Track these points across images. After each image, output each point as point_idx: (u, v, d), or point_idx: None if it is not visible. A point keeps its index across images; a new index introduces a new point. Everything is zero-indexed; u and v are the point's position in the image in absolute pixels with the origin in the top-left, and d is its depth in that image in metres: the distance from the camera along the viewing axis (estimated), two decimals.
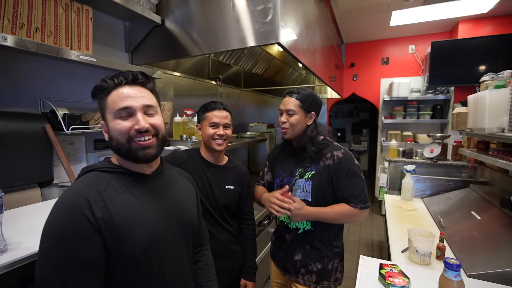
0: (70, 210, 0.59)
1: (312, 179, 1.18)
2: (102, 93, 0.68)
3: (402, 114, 4.08)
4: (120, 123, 0.66)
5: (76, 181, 0.67)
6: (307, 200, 1.18)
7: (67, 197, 0.62)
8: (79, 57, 1.15)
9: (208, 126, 1.22)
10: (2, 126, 1.02)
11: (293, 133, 1.21)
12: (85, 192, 0.61)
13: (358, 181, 1.15)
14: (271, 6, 1.26)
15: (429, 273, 1.10)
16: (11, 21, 0.95)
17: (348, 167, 1.15)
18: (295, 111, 1.18)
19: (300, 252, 1.21)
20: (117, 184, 0.67)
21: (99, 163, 0.71)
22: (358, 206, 1.13)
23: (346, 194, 1.14)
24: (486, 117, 1.38)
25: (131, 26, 1.60)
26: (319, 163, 1.18)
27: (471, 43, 3.35)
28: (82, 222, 0.58)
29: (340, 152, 1.18)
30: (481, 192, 1.80)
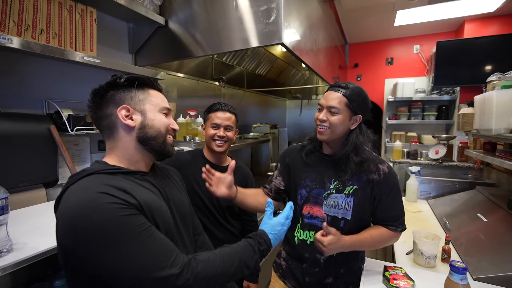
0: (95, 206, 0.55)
1: (354, 195, 1.01)
2: (142, 85, 0.72)
3: (407, 114, 4.04)
4: (164, 117, 0.74)
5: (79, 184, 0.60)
6: (346, 218, 1.02)
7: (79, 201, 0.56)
8: (84, 59, 1.16)
9: (209, 127, 1.23)
10: (8, 127, 1.04)
11: (332, 135, 1.00)
12: (97, 189, 0.58)
13: (400, 201, 1.05)
14: (275, 7, 1.25)
15: (434, 276, 1.08)
16: (16, 23, 0.96)
17: (393, 183, 1.03)
18: (340, 110, 0.97)
19: (332, 275, 1.06)
20: (128, 181, 0.66)
21: (94, 166, 0.67)
22: (399, 229, 1.03)
23: (387, 215, 1.03)
24: (493, 118, 1.36)
25: (135, 28, 1.61)
26: (362, 177, 1.02)
27: (477, 43, 3.31)
28: (115, 207, 0.56)
29: (386, 166, 1.04)
30: (487, 194, 1.77)
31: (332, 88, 1.02)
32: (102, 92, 0.70)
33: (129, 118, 0.69)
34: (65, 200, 0.59)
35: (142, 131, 0.70)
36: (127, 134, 0.70)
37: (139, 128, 0.70)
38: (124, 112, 0.68)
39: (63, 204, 0.59)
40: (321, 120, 1.00)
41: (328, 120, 0.99)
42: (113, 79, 0.71)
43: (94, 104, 0.70)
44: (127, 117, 0.69)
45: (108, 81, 0.71)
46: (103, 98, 0.69)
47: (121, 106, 0.68)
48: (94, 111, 0.71)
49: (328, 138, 1.01)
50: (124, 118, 0.68)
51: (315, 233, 1.00)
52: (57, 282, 0.93)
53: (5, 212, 0.70)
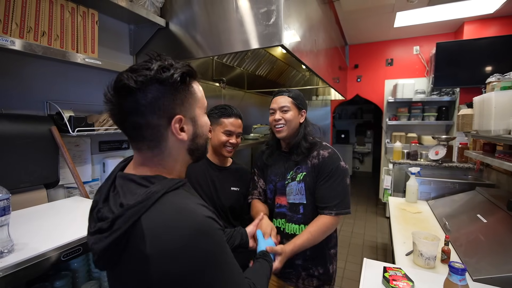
0: (210, 233, 0.52)
1: (304, 181, 1.15)
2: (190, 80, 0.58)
3: (407, 115, 4.05)
4: (208, 119, 0.65)
5: (164, 210, 0.51)
6: (303, 203, 1.16)
7: (195, 228, 0.50)
8: (85, 60, 1.17)
9: (221, 133, 1.22)
10: (9, 128, 1.04)
11: (289, 130, 1.17)
12: (202, 212, 0.53)
13: (339, 184, 1.11)
14: (274, 9, 1.26)
15: (434, 277, 1.08)
16: (19, 25, 0.97)
17: (330, 168, 1.12)
18: (290, 107, 1.17)
19: (300, 258, 1.18)
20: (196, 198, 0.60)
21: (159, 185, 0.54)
22: (333, 212, 1.09)
23: (322, 198, 1.11)
24: (492, 119, 1.37)
25: (136, 29, 1.62)
26: (307, 163, 1.16)
27: (477, 44, 3.32)
28: (221, 233, 0.56)
29: (327, 151, 1.15)
30: (487, 195, 1.78)
31: (277, 94, 1.22)
32: (139, 91, 0.52)
33: (182, 130, 0.57)
34: (160, 230, 0.49)
35: (193, 142, 0.60)
36: (178, 147, 0.58)
37: (191, 139, 0.59)
38: (178, 124, 0.56)
39: (160, 234, 0.48)
40: (276, 120, 1.17)
41: (283, 117, 1.16)
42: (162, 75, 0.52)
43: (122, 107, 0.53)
44: (181, 130, 0.57)
45: (149, 75, 0.52)
46: (140, 100, 0.52)
47: (176, 118, 0.55)
48: (125, 117, 0.54)
49: (287, 134, 1.17)
50: (179, 132, 0.56)
51: (284, 221, 1.20)
52: (57, 283, 0.93)
53: (6, 212, 0.70)
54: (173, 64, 0.55)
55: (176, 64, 0.56)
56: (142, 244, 0.48)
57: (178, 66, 0.55)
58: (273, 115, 1.20)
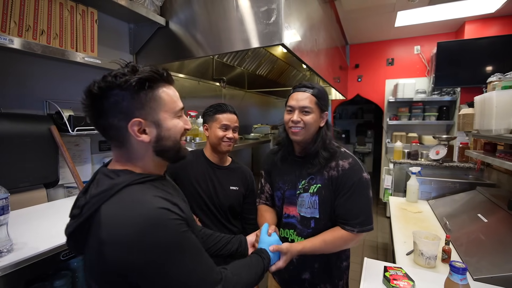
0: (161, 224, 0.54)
1: (318, 194, 1.02)
2: (153, 85, 0.60)
3: (407, 115, 4.04)
4: (179, 122, 0.66)
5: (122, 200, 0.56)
6: (315, 217, 1.03)
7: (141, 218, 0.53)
8: (84, 59, 1.17)
9: (218, 128, 1.22)
10: (9, 127, 1.04)
11: (307, 135, 1.02)
12: (156, 204, 0.55)
13: (362, 199, 0.98)
14: (275, 7, 1.25)
15: (435, 276, 1.08)
16: (17, 24, 0.96)
17: (352, 181, 0.97)
18: (312, 109, 0.99)
19: (308, 271, 1.08)
20: (161, 189, 0.62)
21: (125, 178, 0.59)
22: (356, 229, 0.96)
23: (343, 213, 0.98)
24: (493, 119, 1.36)
25: (136, 28, 1.62)
26: (324, 174, 1.01)
27: (478, 44, 3.31)
28: (177, 223, 0.56)
29: (347, 162, 1.00)
30: (488, 194, 1.77)
31: (299, 89, 1.03)
32: (102, 96, 0.57)
33: (142, 132, 0.60)
34: (118, 219, 0.53)
35: (158, 144, 0.62)
36: (142, 147, 0.62)
37: (155, 141, 0.62)
38: (136, 127, 0.59)
39: (117, 223, 0.53)
40: (294, 122, 1.00)
41: (302, 120, 0.99)
42: (118, 80, 0.57)
43: (92, 110, 0.59)
44: (139, 131, 0.60)
45: (108, 80, 0.57)
46: (104, 104, 0.58)
47: (132, 121, 0.58)
48: (94, 119, 0.60)
49: (303, 138, 1.02)
50: (138, 134, 0.60)
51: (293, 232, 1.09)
52: (57, 282, 0.93)
53: (5, 212, 0.70)
54: (137, 70, 0.59)
55: (142, 70, 0.60)
56: (99, 230, 0.53)
57: (140, 72, 0.59)
58: (291, 114, 1.02)
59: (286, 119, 1.05)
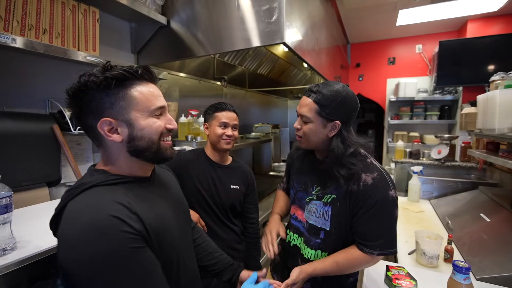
0: (108, 232, 0.51)
1: (332, 205, 0.92)
2: (121, 83, 0.59)
3: (409, 114, 4.03)
4: (156, 121, 0.63)
5: (82, 200, 0.56)
6: (325, 229, 0.94)
7: (90, 222, 0.51)
8: (86, 58, 1.17)
9: (217, 126, 1.23)
10: (11, 126, 1.04)
11: (308, 144, 0.96)
12: (111, 212, 0.53)
13: (386, 219, 0.86)
14: (276, 6, 1.25)
15: (437, 275, 1.08)
16: (20, 23, 0.97)
17: (375, 200, 0.84)
18: (310, 118, 0.90)
19: (309, 282, 0.98)
20: (132, 194, 0.60)
21: (94, 177, 0.60)
22: (376, 252, 0.84)
23: (362, 233, 0.87)
24: (496, 118, 1.36)
25: (137, 27, 1.62)
26: (341, 186, 0.90)
27: (480, 42, 3.29)
28: (128, 237, 0.52)
29: (371, 176, 0.86)
30: (490, 194, 1.76)
31: (306, 93, 0.93)
32: (75, 97, 0.58)
33: (114, 131, 0.59)
34: (71, 218, 0.54)
35: (131, 145, 0.60)
36: (116, 147, 0.61)
37: (127, 141, 0.60)
38: (106, 127, 0.58)
39: (68, 222, 0.53)
40: (296, 128, 0.96)
41: (302, 128, 0.93)
42: (83, 80, 0.57)
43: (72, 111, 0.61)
44: (110, 131, 0.59)
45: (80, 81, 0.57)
46: (78, 104, 0.58)
47: (101, 121, 0.58)
48: (76, 118, 0.62)
49: (306, 147, 0.98)
50: (107, 134, 0.59)
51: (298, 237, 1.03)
52: (59, 280, 0.94)
53: (9, 210, 0.70)
54: (108, 69, 0.58)
55: (113, 69, 0.59)
56: (60, 226, 0.55)
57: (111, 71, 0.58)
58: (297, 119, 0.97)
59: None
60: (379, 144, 6.02)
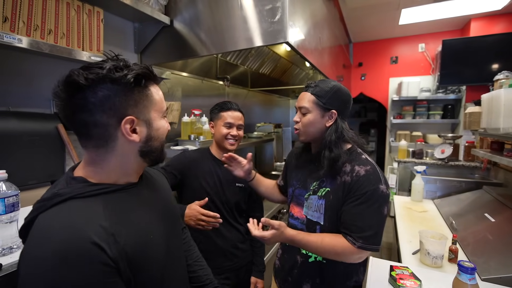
0: (79, 262, 0.45)
1: (326, 198, 0.95)
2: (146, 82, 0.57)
3: (412, 114, 4.02)
4: (166, 123, 0.63)
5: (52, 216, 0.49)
6: (320, 223, 0.96)
7: (64, 243, 0.45)
8: (91, 58, 1.17)
9: (222, 126, 1.24)
10: (17, 125, 1.05)
11: (307, 136, 1.00)
12: (87, 232, 0.47)
13: (372, 212, 0.87)
14: (280, 5, 1.25)
15: (441, 276, 1.07)
16: (26, 24, 0.97)
17: (365, 190, 0.87)
18: (308, 109, 0.97)
19: (309, 283, 0.99)
20: (113, 208, 0.54)
21: (71, 188, 0.53)
22: (357, 243, 0.86)
23: (348, 222, 0.89)
24: (501, 117, 1.35)
25: (140, 27, 1.62)
26: (336, 179, 0.94)
27: (484, 41, 3.27)
28: (99, 270, 0.46)
29: (364, 168, 0.90)
30: (495, 194, 1.75)
31: (304, 88, 1.02)
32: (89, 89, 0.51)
33: (133, 131, 0.56)
34: (39, 236, 0.47)
35: (146, 145, 0.59)
36: (127, 148, 0.57)
37: (144, 141, 0.58)
38: (129, 125, 0.55)
39: (36, 241, 0.47)
40: (295, 122, 1.03)
41: (301, 120, 1.00)
42: (114, 74, 0.52)
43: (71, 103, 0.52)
44: (132, 131, 0.56)
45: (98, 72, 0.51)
46: (88, 98, 0.51)
47: (126, 119, 0.54)
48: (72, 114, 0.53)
49: (305, 139, 1.02)
50: (129, 133, 0.55)
51: None
52: None
53: (16, 208, 0.71)
54: (129, 65, 0.55)
55: (134, 66, 0.56)
56: (27, 240, 0.48)
57: (134, 68, 0.55)
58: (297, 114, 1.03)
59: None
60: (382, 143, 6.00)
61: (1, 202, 0.67)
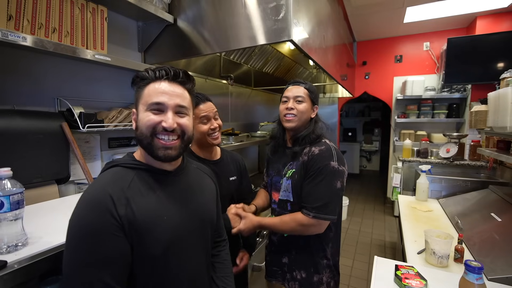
0: (95, 207, 0.60)
1: (292, 178, 1.11)
2: (141, 82, 0.70)
3: (416, 113, 3.98)
4: (149, 116, 0.67)
5: (100, 176, 0.68)
6: (289, 200, 1.12)
7: (92, 193, 0.62)
8: (95, 57, 1.18)
9: (199, 123, 1.14)
10: (22, 124, 1.06)
11: (299, 122, 1.13)
12: (109, 189, 0.62)
13: (324, 185, 1.01)
14: (284, 3, 1.24)
15: (447, 275, 1.06)
16: (30, 22, 0.98)
17: (318, 166, 1.03)
18: (305, 98, 1.13)
19: (286, 256, 1.17)
20: (140, 181, 0.67)
21: (122, 158, 0.72)
22: (311, 214, 1.00)
23: (304, 196, 1.05)
24: (509, 115, 1.33)
25: (144, 26, 1.62)
26: (299, 160, 1.10)
27: (490, 39, 3.23)
28: (107, 219, 0.59)
29: (318, 148, 1.07)
30: (501, 193, 1.73)
31: (294, 83, 1.19)
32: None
33: (134, 118, 0.72)
34: (87, 188, 0.65)
35: (135, 132, 0.70)
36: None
37: (135, 129, 0.70)
38: (134, 115, 0.72)
39: (88, 188, 0.65)
40: (289, 108, 1.13)
41: (296, 108, 1.12)
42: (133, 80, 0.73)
43: None
44: (134, 119, 0.72)
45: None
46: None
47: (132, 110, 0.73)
48: None
49: (296, 125, 1.13)
50: (133, 121, 0.72)
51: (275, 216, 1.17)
52: None
53: (20, 206, 0.71)
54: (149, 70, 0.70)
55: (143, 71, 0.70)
56: None
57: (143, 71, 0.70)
58: (286, 103, 1.15)
59: (281, 109, 1.17)
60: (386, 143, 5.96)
61: (6, 199, 0.67)
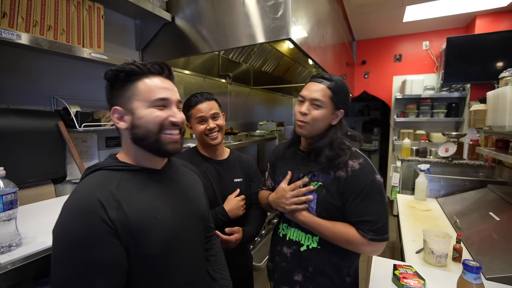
0: (84, 214, 0.56)
1: (318, 192, 0.92)
2: (129, 77, 0.64)
3: (415, 112, 3.98)
4: (155, 112, 0.64)
5: (83, 181, 0.63)
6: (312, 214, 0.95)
7: (78, 200, 0.58)
8: (91, 55, 1.17)
9: (196, 123, 1.13)
10: (17, 123, 1.05)
11: (312, 130, 0.93)
12: (96, 193, 0.58)
13: (376, 203, 0.87)
14: (282, 1, 1.23)
15: (445, 275, 1.06)
16: (25, 19, 0.96)
17: (364, 183, 0.87)
18: (323, 103, 0.90)
19: (300, 273, 0.96)
20: (128, 182, 0.64)
21: (105, 161, 0.68)
22: (368, 236, 0.85)
23: (355, 219, 0.88)
24: (507, 114, 1.32)
25: (142, 24, 1.61)
26: (329, 173, 0.92)
27: (489, 38, 3.22)
28: (98, 225, 0.55)
29: (357, 162, 0.89)
30: (500, 192, 1.73)
31: (315, 79, 0.93)
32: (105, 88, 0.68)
33: (121, 119, 0.66)
34: (72, 193, 0.62)
35: (132, 132, 0.65)
36: (124, 134, 0.68)
37: (130, 129, 0.65)
38: (116, 114, 0.66)
39: (70, 195, 0.61)
40: (302, 113, 0.92)
41: (310, 114, 0.91)
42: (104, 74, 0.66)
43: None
44: (120, 119, 0.66)
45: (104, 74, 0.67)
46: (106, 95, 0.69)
47: (112, 109, 0.66)
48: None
49: (308, 134, 0.94)
50: (116, 121, 0.66)
51: (287, 226, 1.03)
52: None
53: (14, 206, 0.70)
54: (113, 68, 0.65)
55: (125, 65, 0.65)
56: None
57: (112, 69, 0.65)
58: (301, 104, 0.94)
59: (295, 110, 0.96)
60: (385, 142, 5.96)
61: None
